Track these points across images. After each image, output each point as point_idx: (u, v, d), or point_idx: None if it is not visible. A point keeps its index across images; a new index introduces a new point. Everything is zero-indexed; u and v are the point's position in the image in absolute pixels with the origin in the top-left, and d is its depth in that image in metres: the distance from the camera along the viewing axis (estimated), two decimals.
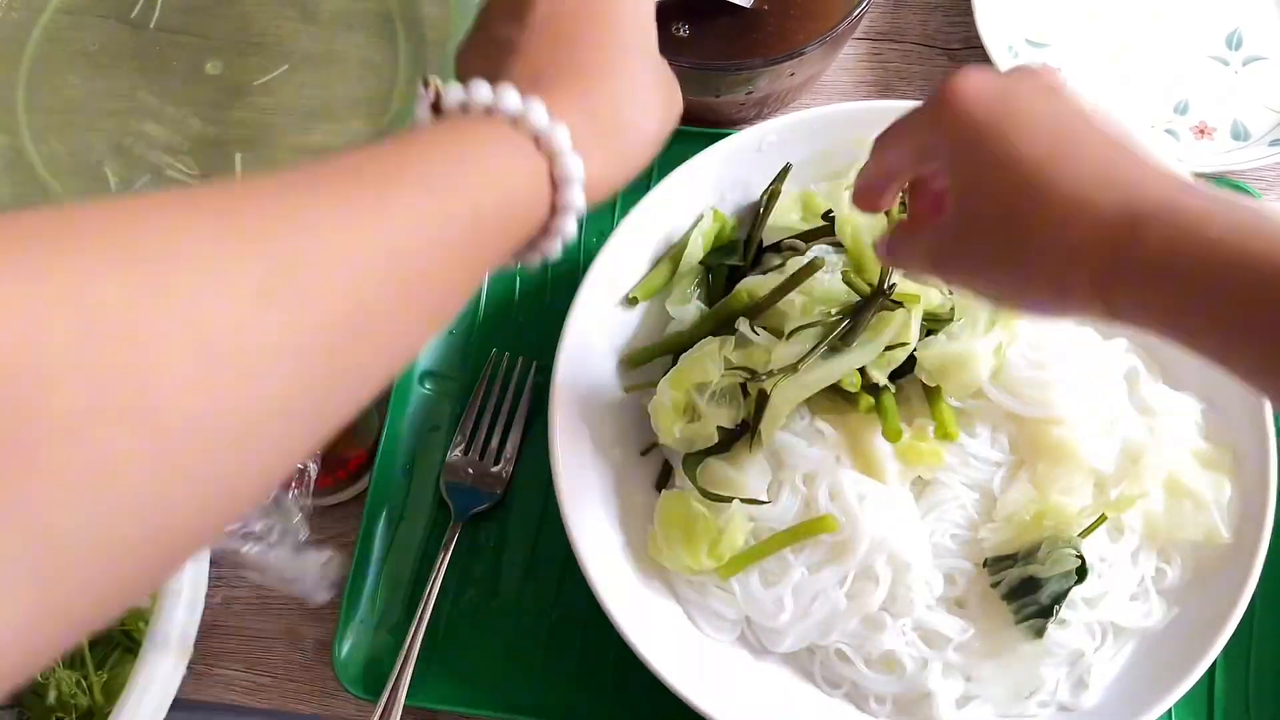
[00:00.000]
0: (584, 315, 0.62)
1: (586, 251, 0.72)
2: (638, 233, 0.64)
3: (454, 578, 0.65)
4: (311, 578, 0.50)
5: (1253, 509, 0.58)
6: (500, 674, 0.63)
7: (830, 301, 0.58)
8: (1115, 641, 0.58)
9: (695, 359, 0.59)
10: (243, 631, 0.65)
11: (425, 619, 0.62)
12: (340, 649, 0.63)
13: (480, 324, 0.71)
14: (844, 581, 0.58)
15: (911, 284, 0.58)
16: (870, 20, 0.81)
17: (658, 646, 0.57)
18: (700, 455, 0.60)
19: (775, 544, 0.58)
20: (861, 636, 0.58)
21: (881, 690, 0.58)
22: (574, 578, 0.62)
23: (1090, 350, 0.61)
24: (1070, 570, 0.55)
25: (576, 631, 0.64)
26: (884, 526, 0.57)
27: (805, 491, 0.59)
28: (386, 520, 0.66)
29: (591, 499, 0.61)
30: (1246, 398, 0.60)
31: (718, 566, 0.58)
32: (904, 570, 0.57)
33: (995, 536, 0.58)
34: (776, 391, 0.57)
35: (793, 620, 0.58)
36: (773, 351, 0.57)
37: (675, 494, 0.60)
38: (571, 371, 0.62)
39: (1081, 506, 0.58)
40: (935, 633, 0.58)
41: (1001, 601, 0.57)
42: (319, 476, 0.60)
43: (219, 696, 0.64)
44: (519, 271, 0.72)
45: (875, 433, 0.58)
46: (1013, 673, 0.57)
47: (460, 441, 0.67)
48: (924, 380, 0.59)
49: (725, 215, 0.66)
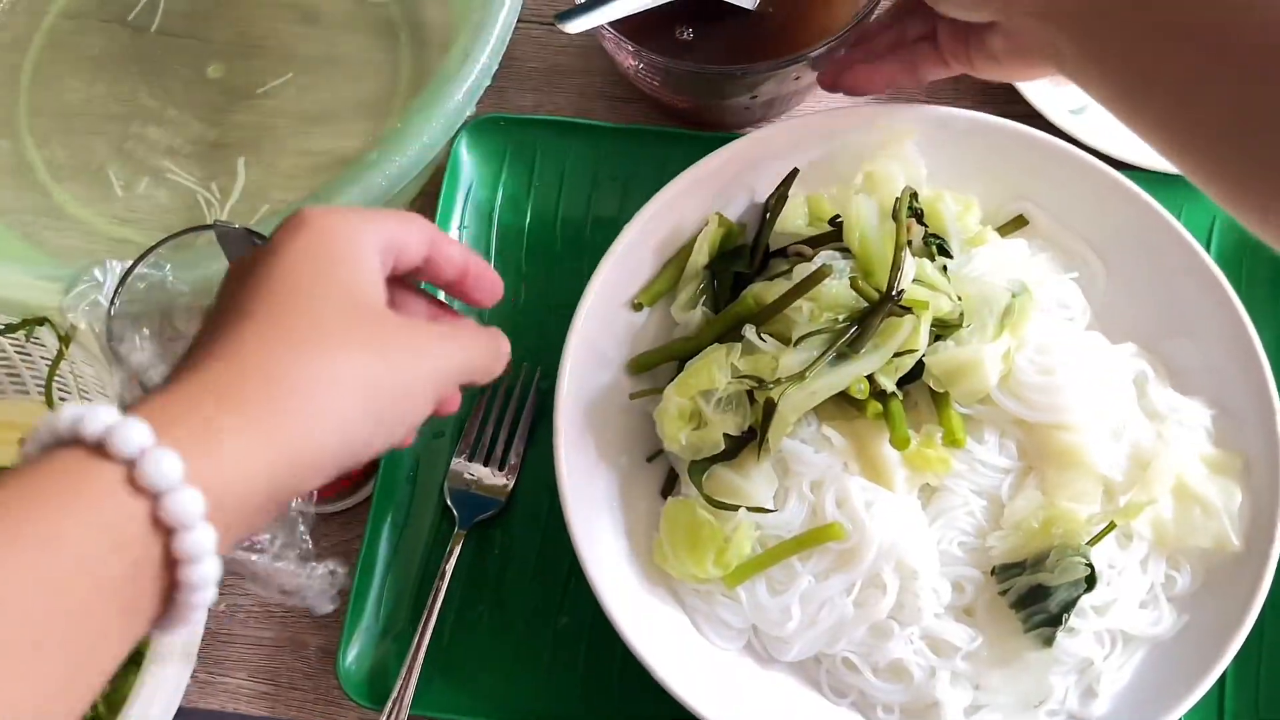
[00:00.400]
0: (589, 321, 0.62)
1: (591, 255, 0.72)
2: (643, 237, 0.64)
3: (458, 586, 0.65)
4: (316, 589, 0.50)
5: (1263, 515, 0.58)
6: (505, 682, 0.63)
7: (838, 308, 0.58)
8: (1125, 650, 0.58)
9: (701, 365, 0.59)
10: (247, 640, 0.65)
11: (430, 627, 0.62)
12: (345, 657, 0.62)
13: None
14: (851, 589, 0.57)
15: (920, 291, 0.57)
16: None
17: (663, 655, 0.57)
18: (706, 462, 0.59)
19: (782, 552, 0.58)
20: (869, 645, 0.58)
21: (889, 699, 0.58)
22: (579, 585, 0.61)
23: (1099, 355, 0.61)
24: (1079, 578, 0.55)
25: (582, 640, 0.64)
26: (891, 534, 0.56)
27: (812, 499, 0.58)
28: (390, 528, 0.65)
29: (597, 506, 0.61)
30: (1257, 403, 0.60)
31: (724, 575, 0.58)
32: (911, 578, 0.57)
33: (1003, 544, 0.57)
34: (784, 400, 0.56)
35: (800, 629, 0.57)
36: (780, 359, 0.57)
37: (681, 501, 0.60)
38: (576, 377, 0.61)
39: (1090, 513, 0.57)
40: (943, 641, 0.57)
41: (1010, 610, 0.57)
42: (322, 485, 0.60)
43: (223, 705, 0.64)
44: (524, 276, 0.72)
45: (883, 440, 0.58)
46: (1021, 681, 0.57)
47: (464, 448, 0.67)
48: (932, 386, 0.58)
49: (731, 220, 0.65)
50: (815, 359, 0.56)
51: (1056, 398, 0.58)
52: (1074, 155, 0.64)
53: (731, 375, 0.58)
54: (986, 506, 0.59)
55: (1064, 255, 0.66)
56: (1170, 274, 0.63)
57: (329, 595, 0.50)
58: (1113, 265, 0.65)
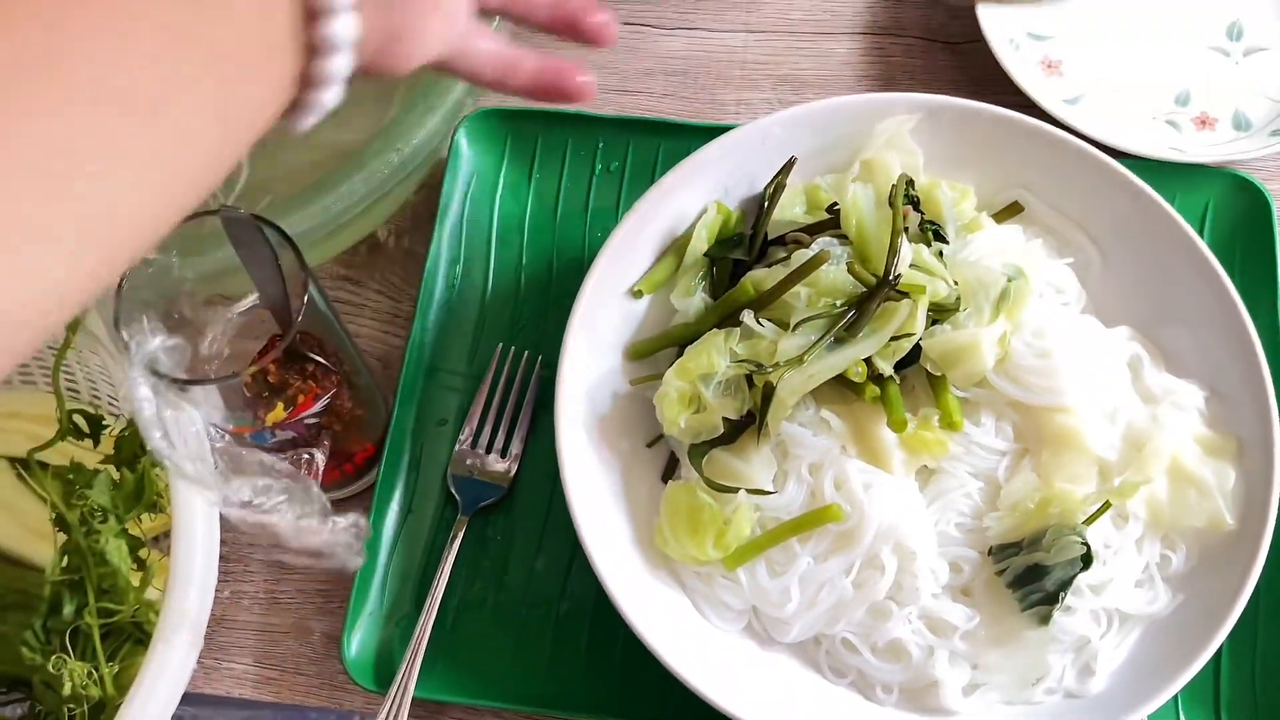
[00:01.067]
0: (589, 308, 0.63)
1: (591, 245, 0.73)
2: (642, 225, 0.64)
3: (462, 570, 0.65)
4: (344, 542, 0.49)
5: (1257, 495, 0.59)
6: (508, 665, 0.63)
7: (835, 293, 0.58)
8: (1121, 628, 0.59)
9: (700, 349, 0.59)
10: (252, 625, 0.66)
11: (433, 612, 0.62)
12: (349, 642, 0.63)
13: (486, 319, 0.71)
14: (850, 570, 0.58)
15: (917, 275, 0.58)
16: (873, 15, 0.81)
17: (665, 637, 0.57)
18: (706, 446, 0.60)
19: (781, 534, 0.58)
20: (868, 625, 0.58)
21: (888, 679, 0.58)
22: (581, 569, 0.62)
23: (1094, 338, 0.62)
24: (1075, 557, 0.56)
25: (584, 623, 0.64)
26: (890, 515, 0.57)
27: (811, 481, 0.59)
28: (394, 514, 0.66)
29: (598, 491, 0.61)
30: (1251, 386, 0.60)
31: (723, 557, 0.59)
32: (910, 559, 0.57)
33: (1000, 525, 0.58)
34: (782, 384, 0.57)
35: (799, 610, 0.58)
36: (778, 343, 0.57)
37: (681, 485, 0.60)
38: (577, 364, 0.62)
39: (1086, 494, 0.58)
40: (941, 620, 0.58)
41: (1007, 590, 0.57)
42: (326, 470, 0.61)
43: (229, 690, 0.64)
44: (525, 266, 0.72)
45: (880, 422, 0.58)
46: (1019, 660, 0.57)
47: (467, 435, 0.67)
48: (929, 369, 0.59)
49: (729, 208, 0.66)
50: (813, 343, 0.57)
51: (1052, 380, 0.58)
52: (1070, 143, 0.65)
53: (730, 360, 0.59)
54: (983, 488, 0.59)
55: (1059, 241, 0.66)
56: (1165, 260, 0.64)
57: (356, 549, 0.50)
58: (1108, 251, 0.66)
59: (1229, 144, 0.74)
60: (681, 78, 0.80)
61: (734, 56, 0.80)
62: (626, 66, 0.80)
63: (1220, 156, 0.72)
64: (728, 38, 0.81)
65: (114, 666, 0.54)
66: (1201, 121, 0.74)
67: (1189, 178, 0.71)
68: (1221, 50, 0.77)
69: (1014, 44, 0.77)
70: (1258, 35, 0.77)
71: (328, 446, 0.59)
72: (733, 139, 0.65)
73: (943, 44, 0.80)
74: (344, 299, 0.74)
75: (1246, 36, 0.77)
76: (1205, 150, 0.73)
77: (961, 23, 0.79)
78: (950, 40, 0.80)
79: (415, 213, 0.75)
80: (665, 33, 0.81)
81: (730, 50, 0.80)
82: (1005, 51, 0.75)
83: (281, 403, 0.56)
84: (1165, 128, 0.74)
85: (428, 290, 0.71)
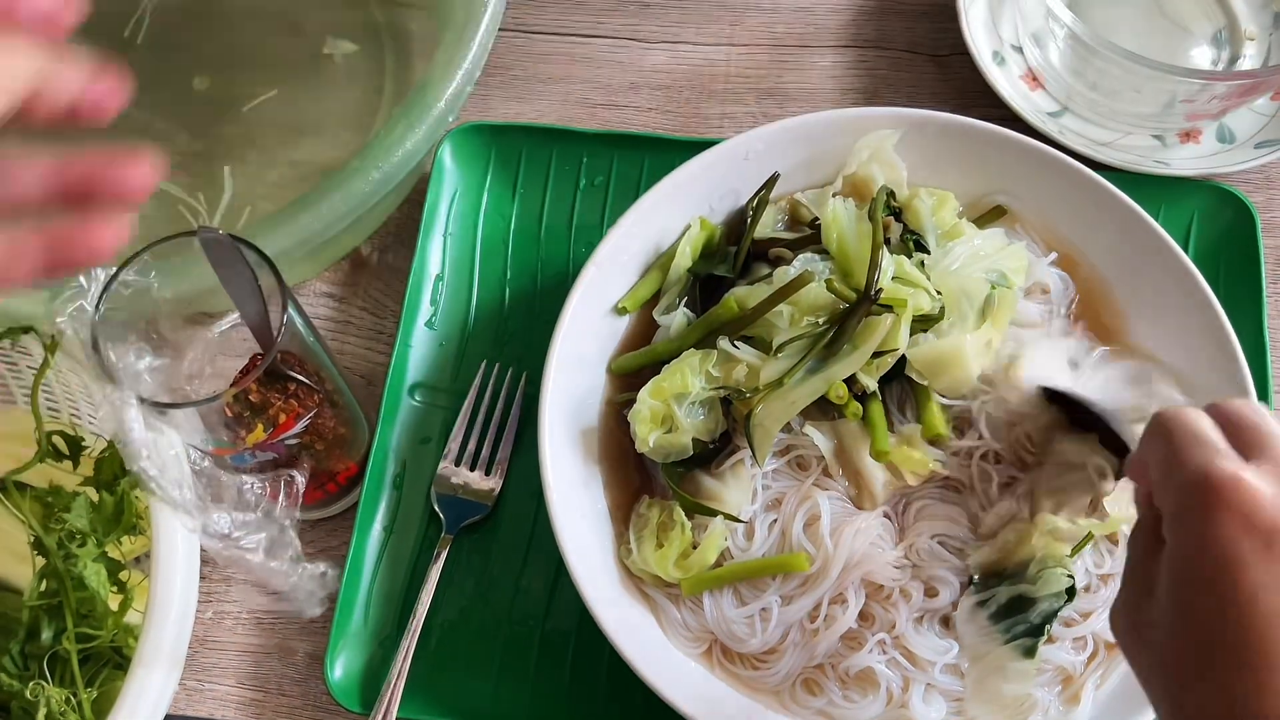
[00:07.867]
0: (573, 325, 0.62)
1: (576, 260, 0.72)
2: (626, 242, 0.64)
3: (445, 590, 0.65)
4: (306, 589, 0.50)
5: None
6: (493, 685, 0.63)
7: (818, 310, 0.58)
8: (1106, 657, 0.58)
9: (675, 370, 0.59)
10: (234, 647, 0.65)
11: (417, 632, 0.62)
12: (332, 663, 0.62)
13: (470, 335, 0.71)
14: (819, 608, 0.57)
15: (901, 288, 0.58)
16: (857, 27, 0.81)
17: (649, 656, 0.57)
18: (683, 466, 0.60)
19: (743, 572, 0.58)
20: (839, 655, 0.57)
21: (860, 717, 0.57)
22: (566, 587, 0.62)
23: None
24: (1061, 590, 0.55)
25: (568, 641, 0.64)
26: (857, 552, 0.57)
27: (781, 520, 0.59)
28: (377, 533, 0.66)
29: (582, 510, 0.61)
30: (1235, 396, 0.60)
31: (683, 579, 0.58)
32: (877, 591, 0.57)
33: (983, 553, 0.57)
34: (763, 411, 0.57)
35: (763, 645, 0.58)
36: (758, 369, 0.57)
37: (656, 501, 0.60)
38: (561, 381, 0.61)
39: (1072, 520, 0.57)
40: (919, 654, 0.57)
41: (988, 621, 0.56)
42: (308, 490, 0.60)
43: (211, 713, 0.64)
44: (509, 282, 0.72)
45: (865, 440, 0.58)
46: (1001, 694, 0.56)
47: (451, 453, 0.67)
48: (914, 379, 0.59)
49: (713, 224, 0.66)
50: (791, 368, 0.56)
51: None
52: (1053, 157, 0.65)
53: (706, 382, 0.59)
54: (966, 510, 0.59)
55: (1042, 244, 0.66)
56: (1149, 272, 0.63)
57: (318, 598, 0.50)
58: (1092, 264, 0.66)
59: (1213, 157, 0.73)
60: (665, 91, 0.79)
61: (717, 70, 0.80)
62: (611, 81, 0.80)
63: (1205, 169, 0.72)
64: (711, 51, 0.81)
65: (92, 692, 0.54)
66: (1186, 135, 0.74)
67: (1174, 191, 0.71)
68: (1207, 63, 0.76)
69: (998, 57, 0.77)
70: (1242, 49, 0.77)
71: (309, 467, 0.59)
72: (715, 155, 0.65)
73: (927, 57, 0.80)
74: (328, 316, 0.73)
75: (1231, 49, 0.77)
76: (1190, 163, 0.73)
77: (946, 35, 0.79)
78: (935, 53, 0.80)
79: (399, 228, 0.75)
80: (649, 47, 0.81)
81: (714, 64, 0.80)
82: (989, 64, 0.75)
83: (262, 423, 0.56)
84: (1150, 141, 0.74)
85: (411, 306, 0.70)
